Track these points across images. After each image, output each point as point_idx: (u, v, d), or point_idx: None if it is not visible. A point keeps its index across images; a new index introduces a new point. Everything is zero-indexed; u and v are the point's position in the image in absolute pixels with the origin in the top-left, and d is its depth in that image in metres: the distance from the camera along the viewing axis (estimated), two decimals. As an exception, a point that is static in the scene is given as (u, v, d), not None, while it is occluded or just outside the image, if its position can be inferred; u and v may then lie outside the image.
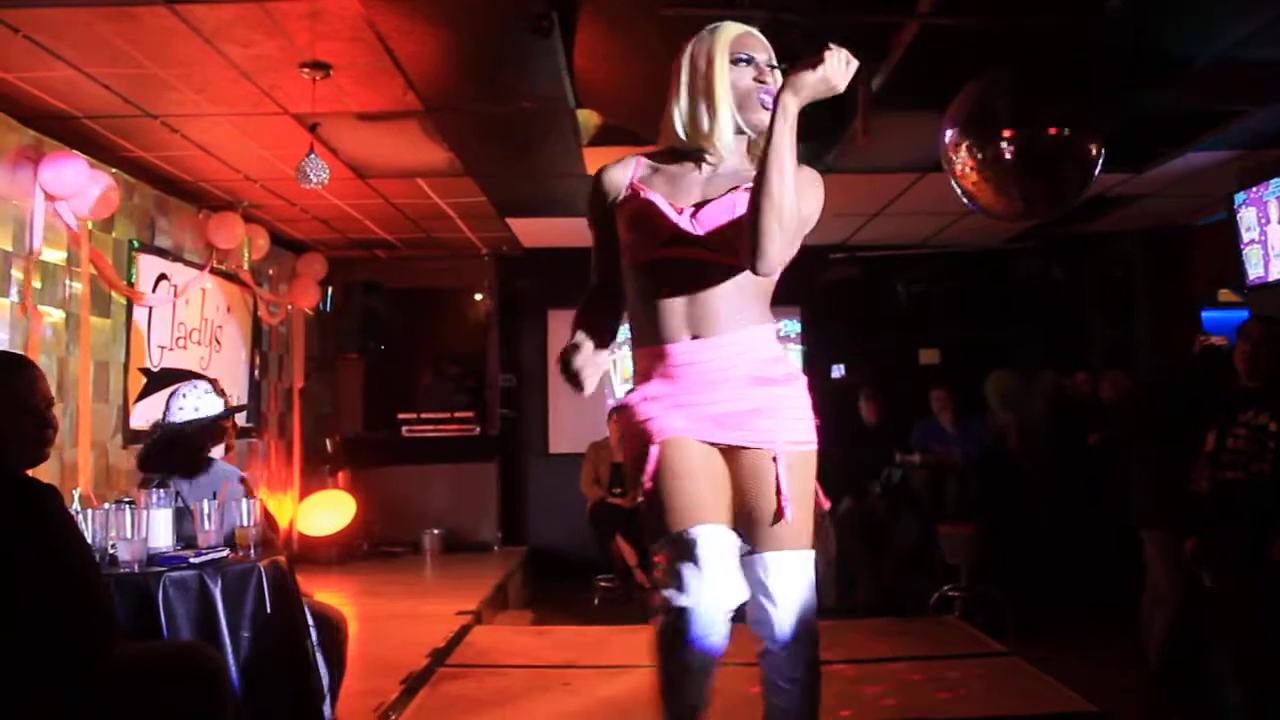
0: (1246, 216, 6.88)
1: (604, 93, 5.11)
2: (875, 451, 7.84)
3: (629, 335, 2.57)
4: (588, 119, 5.70)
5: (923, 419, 7.80)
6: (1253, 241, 6.86)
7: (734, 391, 2.40)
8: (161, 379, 6.74)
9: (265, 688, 3.21)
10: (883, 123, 5.02)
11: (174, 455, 3.84)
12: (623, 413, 2.51)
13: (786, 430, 2.40)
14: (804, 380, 2.50)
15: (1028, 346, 9.47)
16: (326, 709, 3.61)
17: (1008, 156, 3.93)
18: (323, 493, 9.13)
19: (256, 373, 8.44)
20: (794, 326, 10.30)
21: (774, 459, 2.36)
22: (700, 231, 2.37)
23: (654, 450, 2.36)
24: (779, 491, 2.34)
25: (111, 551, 3.25)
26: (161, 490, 3.58)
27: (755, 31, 2.49)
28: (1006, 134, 3.91)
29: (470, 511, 9.58)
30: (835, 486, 7.56)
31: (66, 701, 2.54)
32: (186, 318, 7.24)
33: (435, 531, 9.37)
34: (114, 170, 6.07)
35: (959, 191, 4.22)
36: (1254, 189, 6.76)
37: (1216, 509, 4.02)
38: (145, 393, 6.61)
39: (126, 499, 3.72)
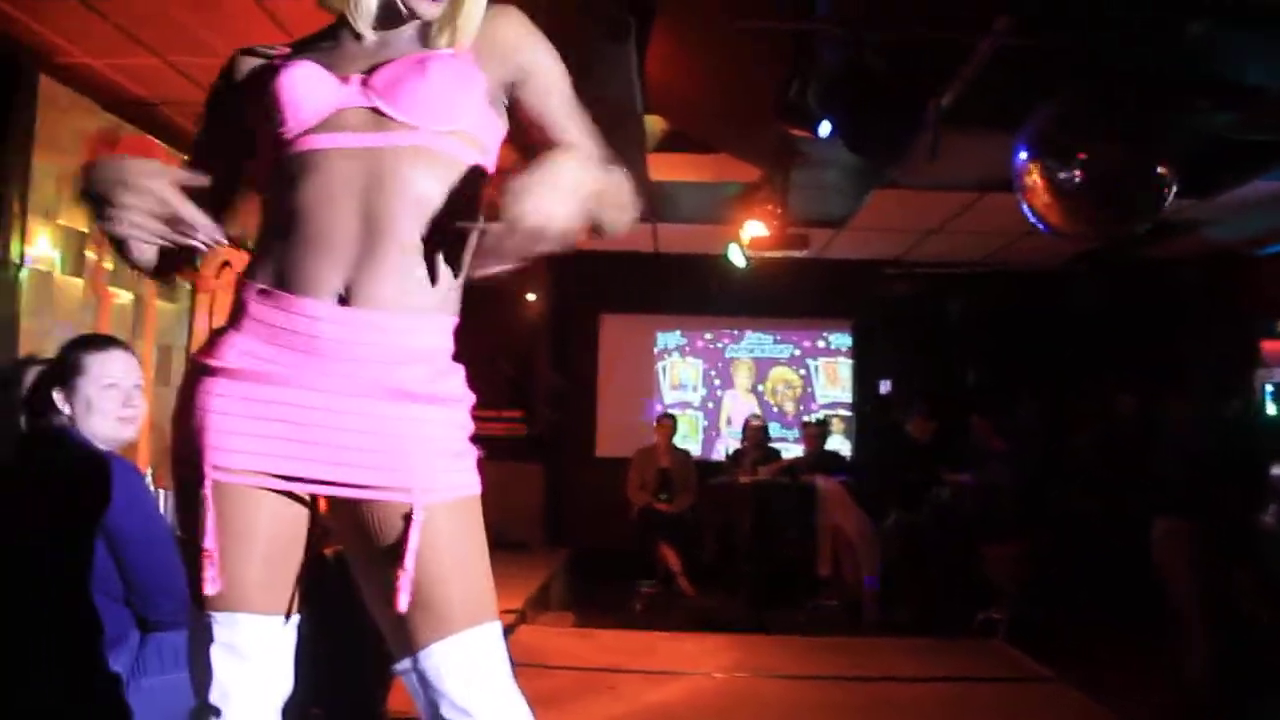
0: (1311, 248, 6.81)
1: (673, 99, 5.15)
2: (924, 469, 7.83)
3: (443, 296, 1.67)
4: (653, 125, 5.74)
5: (966, 440, 7.77)
6: (1316, 274, 6.79)
7: (365, 405, 1.58)
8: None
9: (326, 676, 3.24)
10: (949, 140, 5.02)
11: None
12: (189, 384, 1.61)
13: (429, 472, 1.60)
14: (468, 400, 1.72)
15: (1081, 369, 9.41)
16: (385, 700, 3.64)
17: (1080, 178, 3.92)
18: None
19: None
20: (845, 340, 10.29)
21: (406, 516, 1.56)
22: (377, 101, 1.59)
23: (205, 494, 1.54)
24: (401, 566, 1.54)
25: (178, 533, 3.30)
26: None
27: None
28: (1080, 156, 3.90)
29: (514, 510, 9.57)
30: (883, 503, 7.60)
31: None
32: (247, 306, 7.33)
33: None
34: (186, 157, 6.16)
35: (1028, 212, 4.22)
36: (1321, 221, 6.70)
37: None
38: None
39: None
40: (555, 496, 9.81)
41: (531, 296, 10.21)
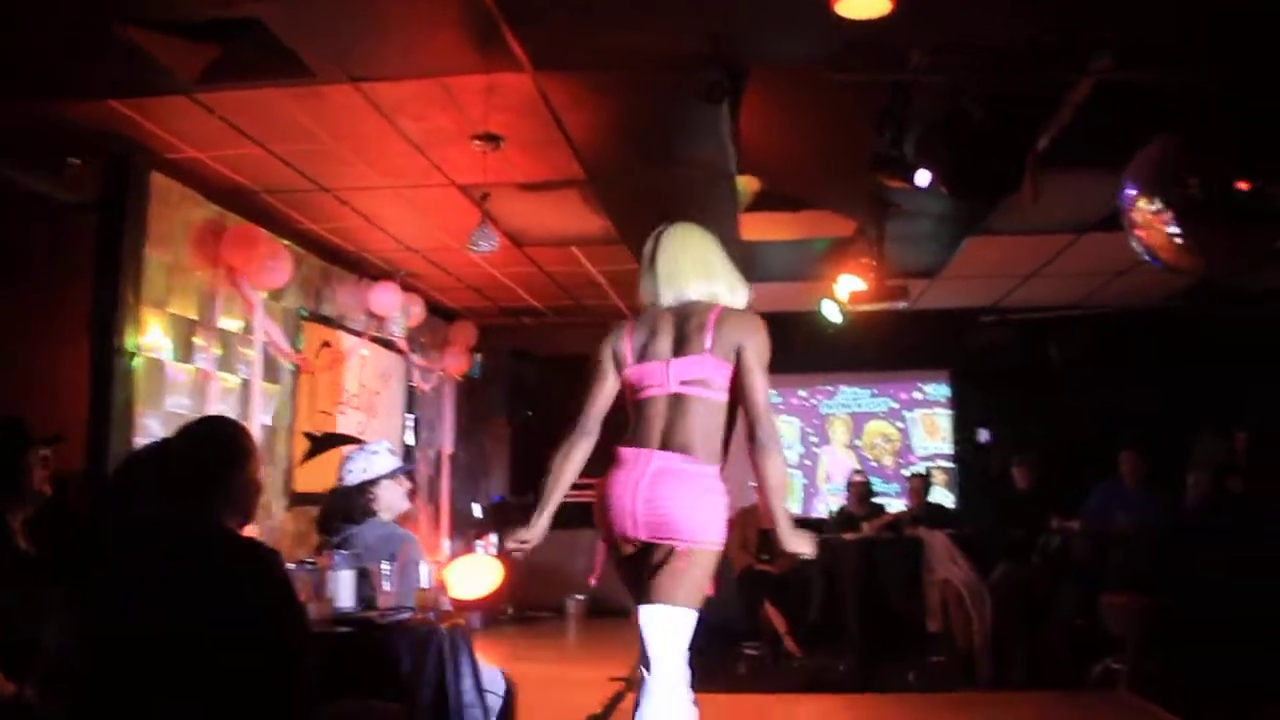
0: None
1: (766, 158, 5.14)
2: (1029, 518, 7.64)
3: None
4: (745, 185, 5.73)
5: (1103, 482, 7.54)
6: None
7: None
8: (323, 443, 6.92)
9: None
10: (1048, 182, 4.94)
11: (352, 515, 3.89)
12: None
13: None
14: None
15: (1185, 409, 9.12)
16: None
17: (1195, 211, 3.80)
18: (469, 556, 9.20)
19: (410, 437, 8.61)
20: (942, 390, 10.14)
21: None
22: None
23: None
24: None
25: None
26: (343, 552, 3.65)
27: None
28: (1194, 188, 3.79)
29: (615, 577, 9.49)
30: (989, 554, 7.40)
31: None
32: (346, 384, 7.43)
33: (579, 597, 9.38)
34: (286, 242, 6.30)
35: (1139, 249, 4.10)
36: None
37: None
38: (307, 456, 6.79)
39: (309, 560, 3.80)
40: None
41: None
